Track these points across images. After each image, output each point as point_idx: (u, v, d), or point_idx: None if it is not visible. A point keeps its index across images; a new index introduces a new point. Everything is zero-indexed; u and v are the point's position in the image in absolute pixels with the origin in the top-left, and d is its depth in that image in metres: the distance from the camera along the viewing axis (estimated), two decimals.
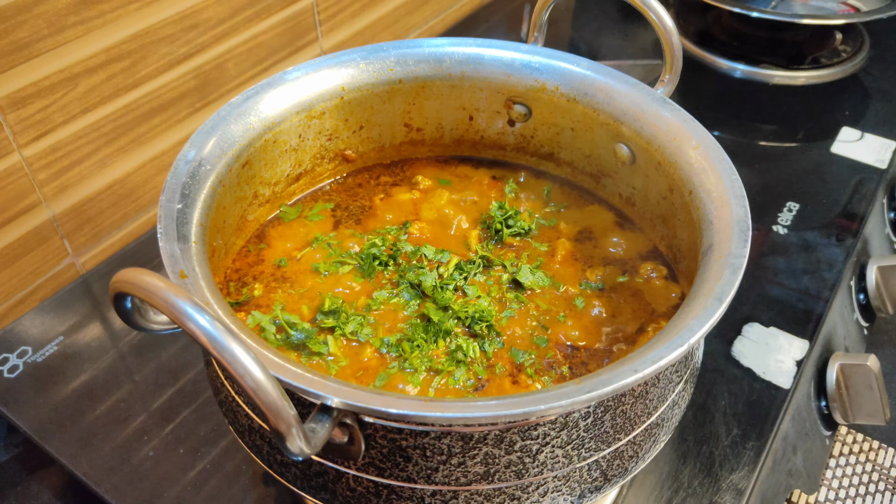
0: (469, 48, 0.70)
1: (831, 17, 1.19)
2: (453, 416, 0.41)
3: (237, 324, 0.47)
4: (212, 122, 0.60)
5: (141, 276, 0.37)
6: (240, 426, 0.53)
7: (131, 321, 0.44)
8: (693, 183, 0.58)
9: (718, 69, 1.23)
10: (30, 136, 0.78)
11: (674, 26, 0.65)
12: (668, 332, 0.45)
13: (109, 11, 0.80)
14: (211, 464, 0.70)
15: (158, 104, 0.90)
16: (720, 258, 0.51)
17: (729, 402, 0.74)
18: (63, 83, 0.79)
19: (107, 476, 0.68)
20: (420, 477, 0.47)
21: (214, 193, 0.57)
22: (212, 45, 0.93)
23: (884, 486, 0.89)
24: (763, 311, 0.83)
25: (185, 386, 0.76)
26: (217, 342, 0.36)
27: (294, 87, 0.66)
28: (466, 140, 0.77)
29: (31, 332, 0.81)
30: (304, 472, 0.50)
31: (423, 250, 0.66)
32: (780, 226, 0.95)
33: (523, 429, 0.46)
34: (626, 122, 0.65)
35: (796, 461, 0.76)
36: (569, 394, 0.41)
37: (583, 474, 0.49)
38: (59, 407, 0.74)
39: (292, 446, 0.38)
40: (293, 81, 0.66)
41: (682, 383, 0.54)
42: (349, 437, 0.46)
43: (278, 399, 0.37)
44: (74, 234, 0.87)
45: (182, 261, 0.49)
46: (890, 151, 1.07)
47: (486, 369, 0.57)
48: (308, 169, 0.71)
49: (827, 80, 1.22)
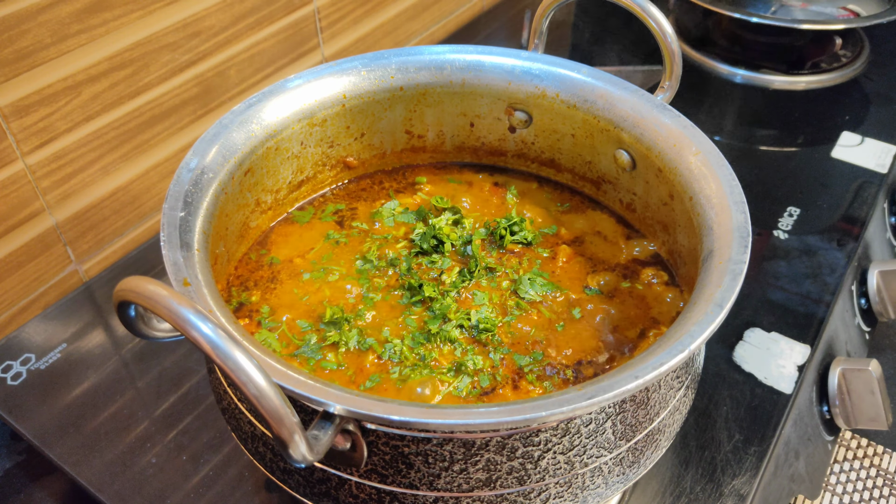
0: (470, 55, 0.71)
1: (831, 22, 1.20)
2: (455, 423, 0.41)
3: (240, 331, 0.47)
4: (214, 130, 0.60)
5: (144, 285, 0.37)
6: (243, 433, 0.53)
7: (135, 329, 0.44)
8: (693, 189, 0.58)
9: (719, 74, 1.23)
10: (33, 143, 0.78)
11: (673, 33, 0.65)
12: (669, 338, 0.46)
13: (112, 20, 0.80)
14: (213, 470, 0.70)
15: (161, 111, 0.90)
16: (721, 264, 0.51)
17: (731, 407, 0.74)
18: (66, 91, 0.79)
19: (109, 483, 0.69)
20: (422, 483, 0.47)
21: (217, 201, 0.58)
22: (214, 53, 0.93)
23: (888, 492, 0.88)
24: (764, 316, 0.83)
25: (188, 393, 0.76)
26: (220, 350, 0.36)
27: (296, 95, 0.66)
28: (467, 146, 0.77)
29: (34, 340, 0.81)
30: (307, 479, 0.50)
31: (423, 258, 0.66)
32: (780, 230, 0.95)
33: (525, 435, 0.46)
34: (627, 129, 0.66)
35: (798, 466, 0.76)
36: (570, 400, 0.41)
37: (585, 480, 0.49)
38: (61, 414, 0.74)
39: (295, 454, 0.38)
40: (295, 89, 0.66)
41: (683, 389, 0.55)
42: (352, 443, 0.46)
43: (281, 407, 0.37)
44: (77, 241, 0.88)
45: (185, 268, 0.49)
46: (890, 156, 1.08)
47: (490, 377, 0.57)
48: (310, 176, 0.72)
49: (827, 84, 1.23)
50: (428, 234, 0.67)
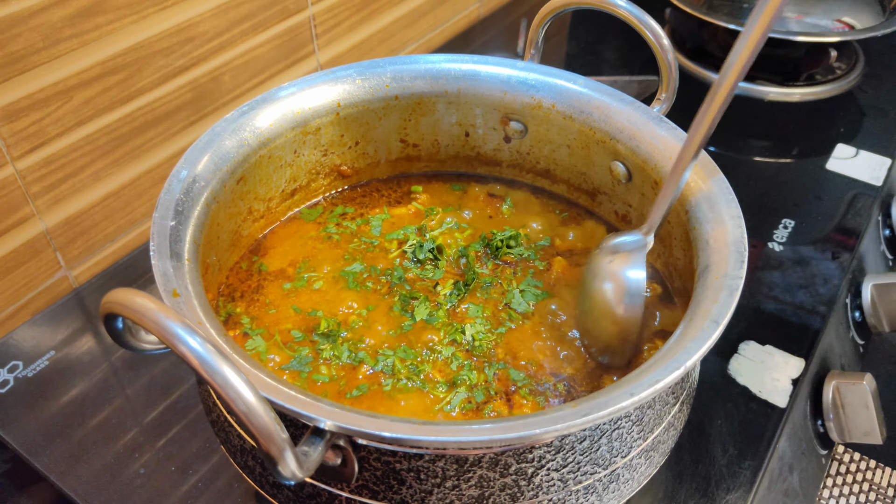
0: (465, 65, 0.70)
1: (826, 34, 1.20)
2: (448, 440, 0.40)
3: (230, 343, 0.46)
4: (206, 138, 0.60)
5: (131, 297, 0.36)
6: (231, 446, 0.52)
7: (122, 342, 0.43)
8: (689, 202, 0.58)
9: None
10: (23, 148, 0.78)
11: (670, 44, 0.65)
12: (665, 355, 0.45)
13: (105, 24, 0.79)
14: (202, 480, 0.69)
15: (153, 117, 0.89)
16: (717, 279, 0.50)
17: (725, 421, 0.73)
18: (58, 96, 0.78)
19: (96, 493, 0.68)
20: (414, 500, 0.46)
21: (208, 210, 0.57)
22: (208, 59, 0.92)
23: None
24: (759, 329, 0.83)
25: (177, 401, 0.76)
26: (208, 365, 0.35)
27: (290, 103, 0.66)
28: (462, 156, 0.77)
29: (22, 347, 0.80)
30: (297, 494, 0.49)
31: (416, 270, 0.65)
32: (775, 242, 0.95)
33: (518, 452, 0.45)
34: (622, 140, 0.65)
35: (793, 481, 0.76)
36: (564, 417, 0.41)
37: (578, 497, 0.49)
38: (49, 423, 0.73)
39: (284, 471, 0.38)
40: (289, 97, 0.66)
41: (678, 405, 0.54)
42: (342, 459, 0.45)
43: (270, 423, 0.36)
44: (67, 246, 0.87)
45: (175, 279, 0.48)
46: (885, 169, 1.08)
47: (485, 391, 0.56)
48: (303, 184, 0.71)
49: (822, 96, 1.23)
50: (426, 247, 0.66)
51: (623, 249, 0.60)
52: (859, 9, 1.25)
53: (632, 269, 0.59)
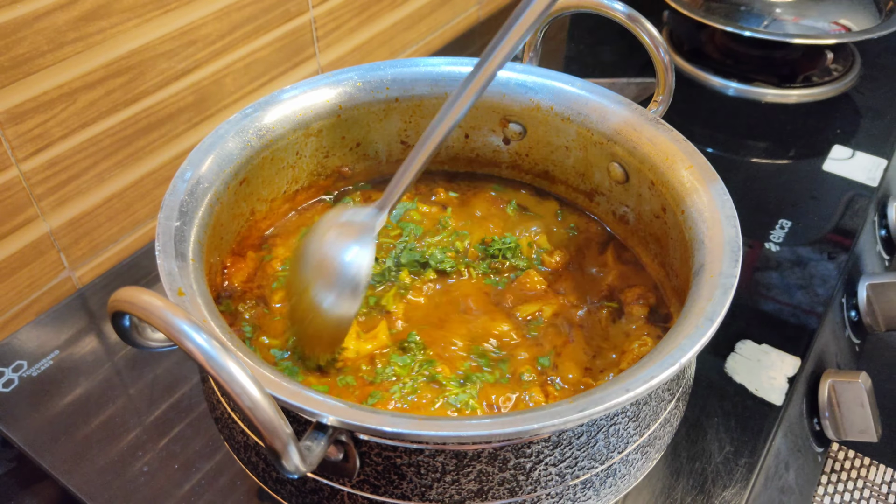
0: (465, 67, 0.71)
1: (823, 36, 1.21)
2: (448, 435, 0.41)
3: (234, 340, 0.47)
4: (210, 140, 0.61)
5: (139, 296, 0.37)
6: (235, 443, 0.53)
7: (129, 339, 0.44)
8: (685, 203, 0.59)
9: (711, 87, 1.24)
10: (28, 150, 0.79)
11: (667, 47, 0.66)
12: (660, 352, 0.46)
13: (109, 28, 0.80)
14: (205, 478, 0.70)
15: (157, 119, 0.90)
16: (712, 278, 0.51)
17: (721, 418, 0.74)
18: (62, 98, 0.79)
19: (100, 491, 0.68)
20: (414, 494, 0.47)
21: (212, 211, 0.58)
22: (210, 61, 0.93)
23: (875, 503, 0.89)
24: (755, 328, 0.84)
25: (180, 400, 0.76)
26: (214, 361, 0.36)
27: (292, 105, 0.67)
28: (462, 158, 0.78)
29: (27, 346, 0.81)
30: (300, 490, 0.50)
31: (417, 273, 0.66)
32: (772, 242, 0.96)
33: (517, 446, 0.46)
34: (620, 142, 0.66)
35: (788, 478, 0.77)
36: (562, 412, 0.42)
37: (576, 492, 0.49)
38: (53, 421, 0.74)
39: (288, 464, 0.39)
40: (291, 99, 0.67)
41: (674, 401, 0.55)
42: (344, 454, 0.46)
43: (274, 418, 0.37)
44: (71, 247, 0.88)
45: (179, 278, 0.49)
46: (881, 169, 1.09)
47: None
48: (305, 186, 0.72)
49: (818, 98, 1.24)
50: (418, 253, 0.67)
51: (351, 222, 0.51)
52: (855, 11, 1.26)
53: (355, 245, 0.49)
